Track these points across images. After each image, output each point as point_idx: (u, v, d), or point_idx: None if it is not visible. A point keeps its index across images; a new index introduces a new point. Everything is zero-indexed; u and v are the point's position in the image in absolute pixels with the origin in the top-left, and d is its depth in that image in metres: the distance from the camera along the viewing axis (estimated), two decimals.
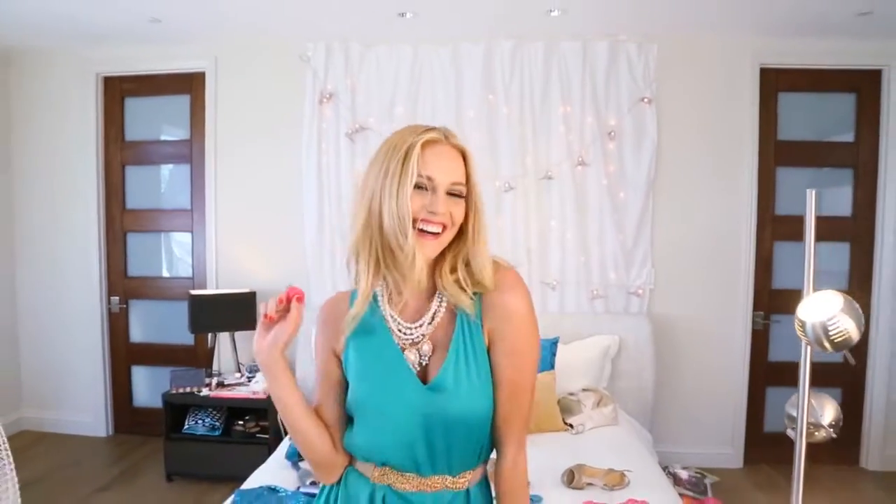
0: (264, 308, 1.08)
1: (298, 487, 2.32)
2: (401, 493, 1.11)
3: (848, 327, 0.84)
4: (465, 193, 1.07)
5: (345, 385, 1.15)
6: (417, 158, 1.02)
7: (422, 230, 1.04)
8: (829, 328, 0.83)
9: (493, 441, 1.14)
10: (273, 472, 2.51)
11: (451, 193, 1.05)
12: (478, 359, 1.08)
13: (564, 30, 3.59)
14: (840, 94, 3.82)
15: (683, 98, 3.74)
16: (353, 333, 1.12)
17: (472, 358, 1.08)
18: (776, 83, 3.80)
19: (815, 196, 0.84)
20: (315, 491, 2.22)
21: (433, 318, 1.10)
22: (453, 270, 1.09)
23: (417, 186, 1.03)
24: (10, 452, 0.91)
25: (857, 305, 0.87)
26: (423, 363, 1.10)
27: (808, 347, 0.88)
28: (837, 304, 0.84)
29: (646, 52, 3.68)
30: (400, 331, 1.11)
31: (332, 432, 1.15)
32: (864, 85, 3.77)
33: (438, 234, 1.05)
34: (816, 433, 0.98)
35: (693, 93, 3.75)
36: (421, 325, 1.10)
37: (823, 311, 0.84)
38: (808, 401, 0.90)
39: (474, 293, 1.09)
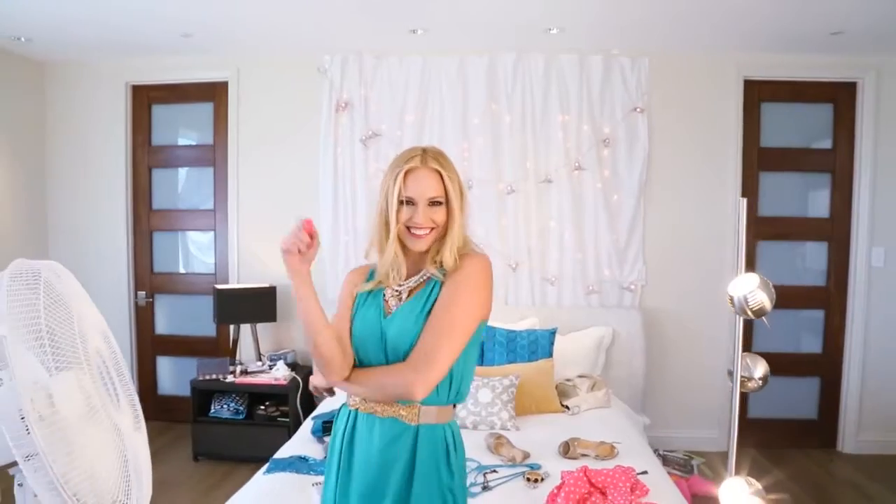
0: (295, 242, 1.33)
1: (325, 456, 2.61)
2: (361, 414, 1.47)
3: (762, 299, 1.13)
4: (444, 201, 1.43)
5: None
6: (400, 186, 1.41)
7: (413, 233, 1.43)
8: (749, 300, 1.12)
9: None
10: (300, 445, 2.80)
11: (432, 203, 1.42)
12: (430, 305, 1.44)
13: (562, 45, 3.88)
14: (818, 104, 4.11)
15: (673, 108, 4.03)
16: (364, 295, 1.52)
17: (426, 304, 1.44)
18: (759, 94, 4.09)
19: (745, 204, 1.11)
20: None
21: (415, 280, 1.49)
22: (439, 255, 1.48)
23: (404, 203, 1.42)
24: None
25: (770, 284, 1.15)
26: (399, 301, 1.49)
27: (740, 318, 1.17)
28: (755, 283, 1.12)
29: (638, 66, 3.97)
30: (396, 286, 1.50)
31: (343, 342, 1.45)
32: (840, 96, 4.06)
33: (426, 234, 1.43)
34: (749, 383, 1.25)
35: (682, 103, 4.04)
36: (409, 283, 1.50)
37: (745, 287, 1.12)
38: (744, 360, 1.18)
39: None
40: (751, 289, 1.13)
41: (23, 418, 0.91)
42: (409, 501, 1.38)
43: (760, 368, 1.23)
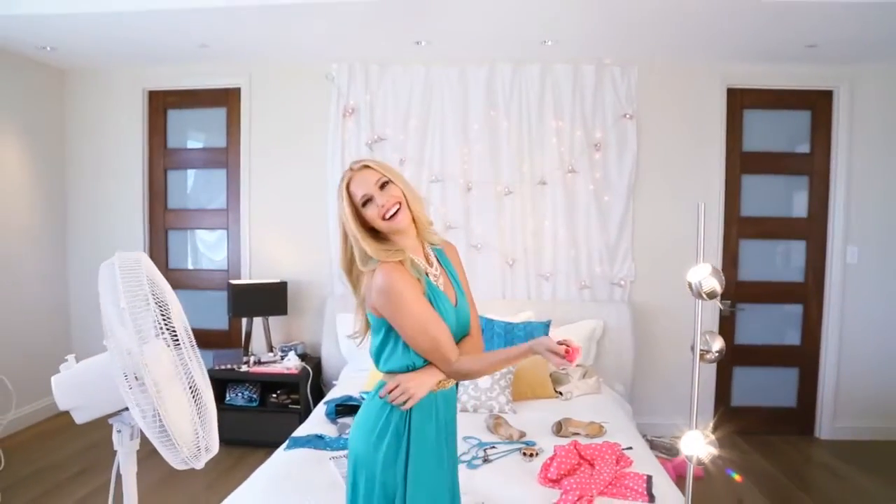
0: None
1: (340, 435, 2.86)
2: (447, 391, 1.69)
3: (713, 284, 1.39)
4: (389, 181, 1.59)
5: None
6: (351, 195, 1.59)
7: (389, 217, 1.56)
8: (703, 285, 1.38)
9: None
10: (316, 426, 3.04)
11: (383, 186, 1.57)
12: (458, 284, 1.74)
13: (557, 55, 4.13)
14: (797, 111, 4.37)
15: (661, 114, 4.28)
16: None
17: (459, 286, 1.74)
18: (741, 101, 4.34)
19: (703, 207, 1.35)
20: None
21: (434, 264, 1.71)
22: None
23: (364, 204, 1.57)
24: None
25: (721, 271, 1.41)
26: (449, 293, 1.70)
27: (699, 302, 1.42)
28: (707, 271, 1.38)
29: (628, 75, 4.22)
30: (430, 271, 1.68)
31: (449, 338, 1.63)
32: (817, 103, 4.32)
33: (397, 210, 1.57)
34: (707, 356, 1.51)
35: (669, 109, 4.29)
36: (434, 267, 1.71)
37: (700, 274, 1.39)
38: (703, 336, 1.44)
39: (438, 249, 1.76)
40: (704, 275, 1.39)
41: (125, 376, 1.16)
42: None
43: (717, 343, 1.49)
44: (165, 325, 1.17)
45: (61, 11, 3.43)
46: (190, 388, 1.25)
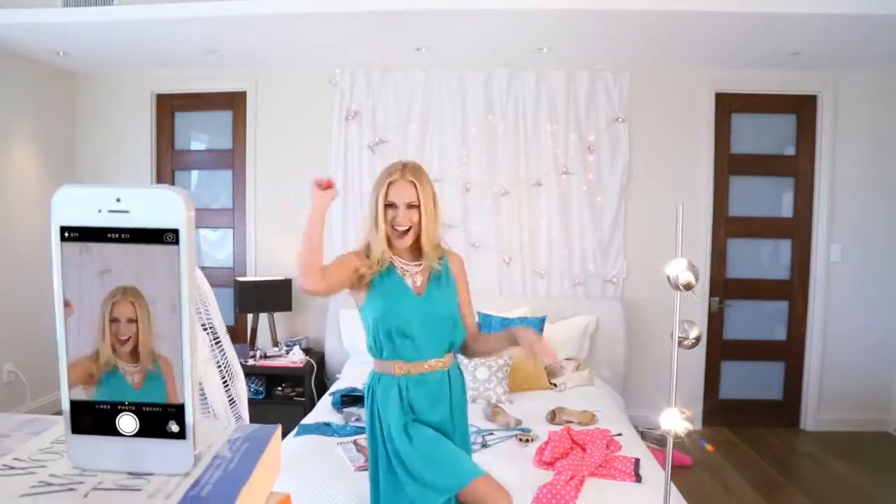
0: (320, 181, 1.84)
1: (346, 423, 3.02)
2: (416, 376, 1.89)
3: (689, 277, 1.55)
4: (418, 205, 1.85)
5: (341, 276, 1.87)
6: (384, 195, 1.85)
7: (396, 229, 1.85)
8: (679, 277, 1.55)
9: (463, 328, 1.99)
10: (323, 414, 3.20)
11: (409, 207, 1.84)
12: (449, 284, 1.96)
13: (552, 61, 4.29)
14: (783, 115, 4.53)
15: (651, 118, 4.45)
16: (379, 277, 1.88)
17: (444, 284, 1.95)
18: (729, 105, 4.51)
19: (682, 208, 1.51)
20: (360, 425, 2.92)
21: (421, 266, 1.94)
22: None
23: (390, 206, 1.85)
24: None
25: (696, 265, 1.57)
26: (418, 284, 1.93)
27: (678, 293, 1.58)
28: (684, 265, 1.55)
29: (620, 80, 4.39)
30: (404, 267, 1.92)
31: (321, 268, 1.80)
32: (802, 108, 4.49)
33: (406, 231, 1.85)
34: (685, 342, 1.67)
35: (660, 113, 4.45)
36: (418, 266, 1.94)
37: (677, 268, 1.55)
38: (682, 324, 1.60)
39: (442, 256, 1.97)
40: (680, 269, 1.55)
41: None
42: (461, 419, 1.97)
43: (694, 331, 1.65)
44: (206, 313, 1.33)
45: (76, 20, 3.58)
46: (225, 369, 1.41)
